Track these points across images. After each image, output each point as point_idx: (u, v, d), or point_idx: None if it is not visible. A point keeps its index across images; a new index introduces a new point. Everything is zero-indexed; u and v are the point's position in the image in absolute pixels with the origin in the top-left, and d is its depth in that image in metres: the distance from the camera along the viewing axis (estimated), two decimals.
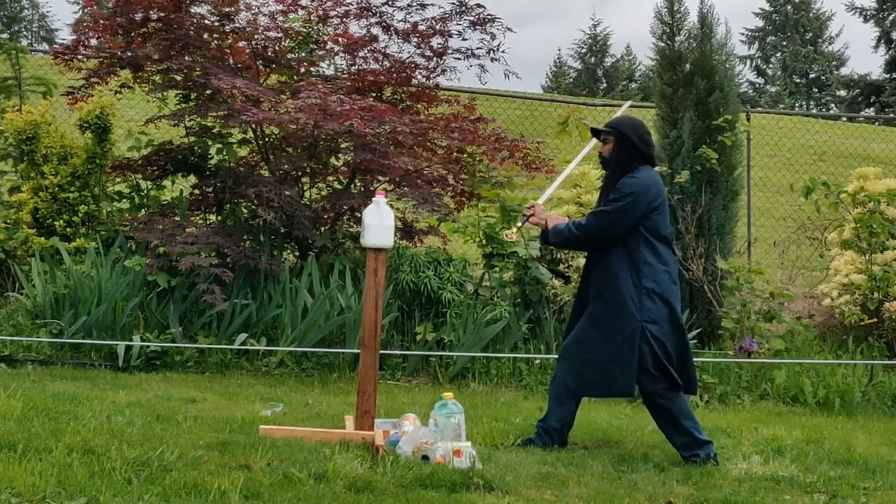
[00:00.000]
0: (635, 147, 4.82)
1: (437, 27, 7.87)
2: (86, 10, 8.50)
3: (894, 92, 33.79)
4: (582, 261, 7.45)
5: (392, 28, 7.93)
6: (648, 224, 4.75)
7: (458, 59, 7.94)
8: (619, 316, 4.71)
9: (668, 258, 4.83)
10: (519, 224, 5.26)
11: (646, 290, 4.70)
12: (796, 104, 42.25)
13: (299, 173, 7.74)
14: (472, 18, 7.84)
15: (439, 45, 7.93)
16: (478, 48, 7.89)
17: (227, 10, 7.57)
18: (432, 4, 7.86)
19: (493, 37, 7.86)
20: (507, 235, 5.24)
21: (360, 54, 8.04)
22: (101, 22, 7.68)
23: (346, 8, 7.92)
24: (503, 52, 7.86)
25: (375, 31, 7.97)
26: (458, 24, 7.88)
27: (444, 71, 8.04)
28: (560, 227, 4.93)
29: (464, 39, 7.94)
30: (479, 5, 7.80)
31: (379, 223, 4.64)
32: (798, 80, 44.22)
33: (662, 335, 4.72)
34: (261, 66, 7.94)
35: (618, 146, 4.85)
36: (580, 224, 4.85)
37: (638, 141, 4.83)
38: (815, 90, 43.84)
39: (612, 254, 4.77)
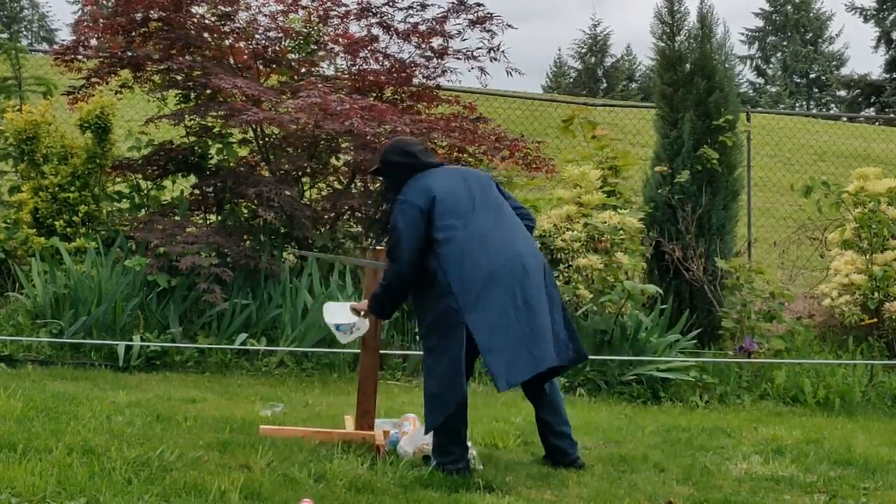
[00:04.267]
0: (398, 164, 4.46)
1: (438, 28, 7.87)
2: (86, 10, 8.50)
3: (894, 92, 33.80)
4: (582, 260, 7.48)
5: (392, 28, 7.93)
6: (436, 227, 4.24)
7: (459, 59, 7.95)
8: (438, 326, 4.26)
9: (463, 236, 4.26)
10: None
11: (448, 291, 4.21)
12: (796, 104, 42.22)
13: (299, 173, 7.74)
14: (471, 17, 7.84)
15: (440, 46, 7.93)
16: (478, 48, 7.91)
17: (227, 9, 7.58)
18: (432, 5, 7.87)
19: (493, 35, 7.87)
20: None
21: (361, 54, 8.04)
22: (101, 22, 7.68)
23: (347, 8, 7.93)
24: (503, 51, 7.87)
25: (376, 31, 7.98)
26: (457, 23, 7.89)
27: (444, 72, 8.04)
28: (370, 301, 4.46)
29: (463, 40, 7.96)
30: (478, 3, 7.80)
31: None
32: (798, 81, 44.18)
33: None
34: (261, 67, 7.95)
35: (385, 174, 4.58)
36: (385, 280, 4.34)
37: (399, 157, 4.48)
38: (816, 90, 43.80)
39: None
